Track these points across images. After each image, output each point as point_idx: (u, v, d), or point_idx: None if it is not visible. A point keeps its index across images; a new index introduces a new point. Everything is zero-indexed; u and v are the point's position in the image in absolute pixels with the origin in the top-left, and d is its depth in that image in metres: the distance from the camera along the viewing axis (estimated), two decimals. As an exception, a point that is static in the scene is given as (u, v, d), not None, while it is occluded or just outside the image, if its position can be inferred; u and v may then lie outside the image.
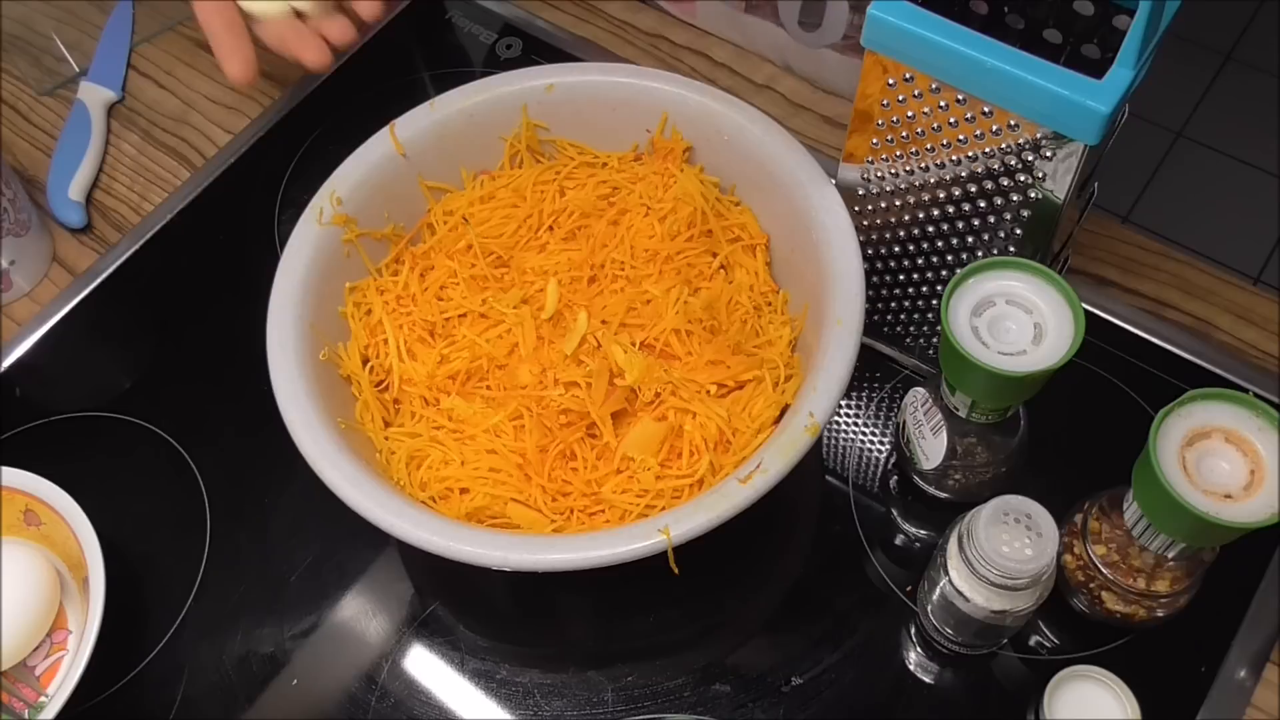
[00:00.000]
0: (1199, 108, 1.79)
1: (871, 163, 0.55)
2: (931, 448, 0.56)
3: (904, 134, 0.52)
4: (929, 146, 0.52)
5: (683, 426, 0.55)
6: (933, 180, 0.53)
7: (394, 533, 0.50)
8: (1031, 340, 0.49)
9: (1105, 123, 0.45)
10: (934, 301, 0.59)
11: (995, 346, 0.49)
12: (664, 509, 0.52)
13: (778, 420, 0.54)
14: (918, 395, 0.56)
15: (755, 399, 0.55)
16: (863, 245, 0.56)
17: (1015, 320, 0.50)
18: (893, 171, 0.55)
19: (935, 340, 0.61)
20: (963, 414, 0.53)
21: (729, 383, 0.56)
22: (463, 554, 0.49)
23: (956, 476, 0.57)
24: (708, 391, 0.55)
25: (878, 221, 0.58)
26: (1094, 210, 0.57)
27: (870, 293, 0.60)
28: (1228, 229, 1.63)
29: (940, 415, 0.55)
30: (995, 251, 0.54)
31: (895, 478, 0.62)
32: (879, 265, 0.60)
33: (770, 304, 0.60)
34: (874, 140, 0.54)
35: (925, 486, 0.58)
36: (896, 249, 0.58)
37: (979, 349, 0.49)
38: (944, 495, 0.58)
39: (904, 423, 0.58)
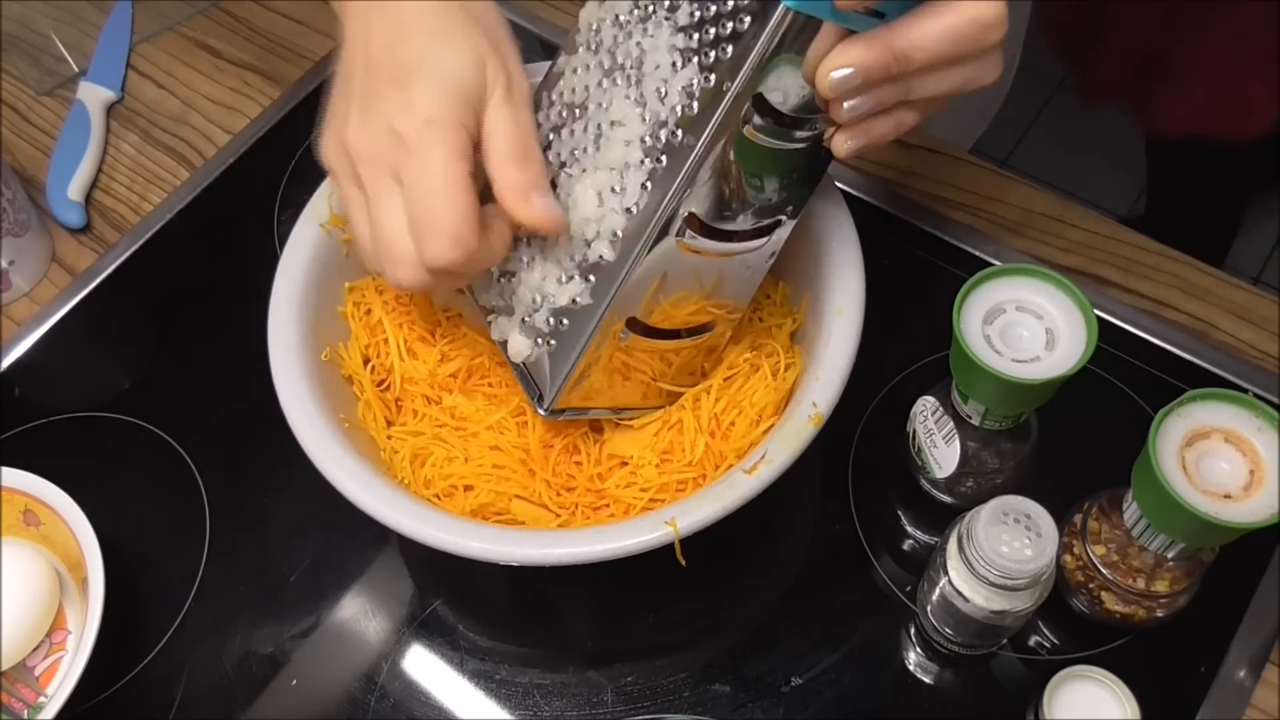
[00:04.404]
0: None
1: None
2: (944, 456, 0.55)
3: None
4: None
5: (682, 421, 0.55)
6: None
7: (401, 530, 0.50)
8: (1044, 346, 0.49)
9: None
10: None
11: (1008, 354, 0.49)
12: (668, 503, 0.52)
13: (778, 412, 0.54)
14: (927, 404, 0.56)
15: (755, 387, 0.55)
16: None
17: (1027, 327, 0.50)
18: None
19: None
20: (975, 422, 0.53)
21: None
22: (471, 550, 0.49)
23: (969, 484, 0.57)
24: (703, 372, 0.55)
25: None
26: (1094, 210, 0.56)
27: None
28: (1227, 229, 1.63)
29: (952, 424, 0.55)
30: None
31: (896, 478, 0.62)
32: None
33: (769, 296, 0.60)
34: None
35: (937, 494, 0.58)
36: None
37: (992, 357, 0.49)
38: (954, 501, 0.58)
39: (914, 432, 0.57)
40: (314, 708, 0.57)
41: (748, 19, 0.43)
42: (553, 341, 0.51)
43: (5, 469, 0.59)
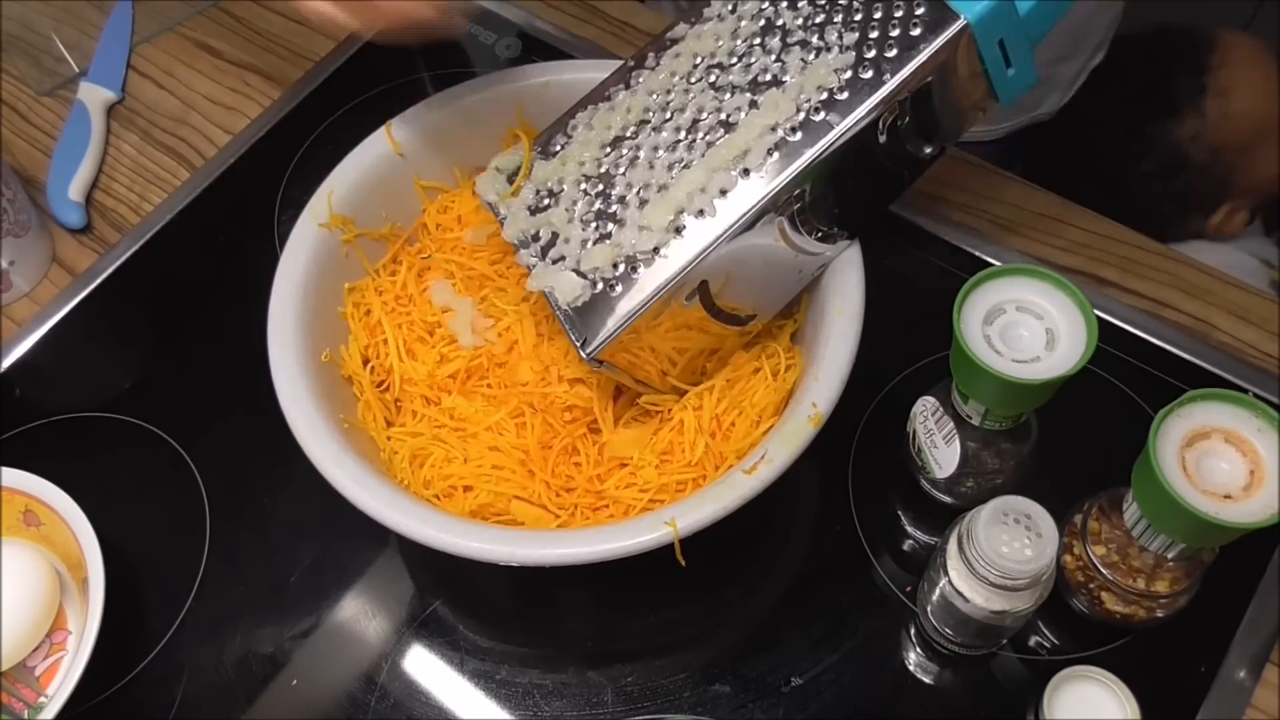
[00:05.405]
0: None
1: None
2: (944, 457, 0.55)
3: None
4: None
5: (682, 422, 0.55)
6: None
7: (401, 530, 0.50)
8: (1044, 346, 0.49)
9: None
10: None
11: (1008, 354, 0.49)
12: (667, 503, 0.52)
13: (778, 413, 0.54)
14: (927, 404, 0.56)
15: (755, 388, 0.55)
16: None
17: (1027, 327, 0.50)
18: None
19: None
20: (975, 422, 0.53)
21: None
22: (471, 550, 0.49)
23: (969, 484, 0.57)
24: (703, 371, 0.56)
25: None
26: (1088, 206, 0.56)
27: None
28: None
29: (952, 424, 0.55)
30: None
31: (896, 478, 0.62)
32: None
33: None
34: None
35: (937, 494, 0.58)
36: None
37: (993, 358, 0.49)
38: (954, 501, 0.58)
39: (914, 432, 0.57)
40: (314, 708, 0.57)
41: (919, 28, 0.46)
42: (617, 286, 0.51)
43: (5, 469, 0.59)
